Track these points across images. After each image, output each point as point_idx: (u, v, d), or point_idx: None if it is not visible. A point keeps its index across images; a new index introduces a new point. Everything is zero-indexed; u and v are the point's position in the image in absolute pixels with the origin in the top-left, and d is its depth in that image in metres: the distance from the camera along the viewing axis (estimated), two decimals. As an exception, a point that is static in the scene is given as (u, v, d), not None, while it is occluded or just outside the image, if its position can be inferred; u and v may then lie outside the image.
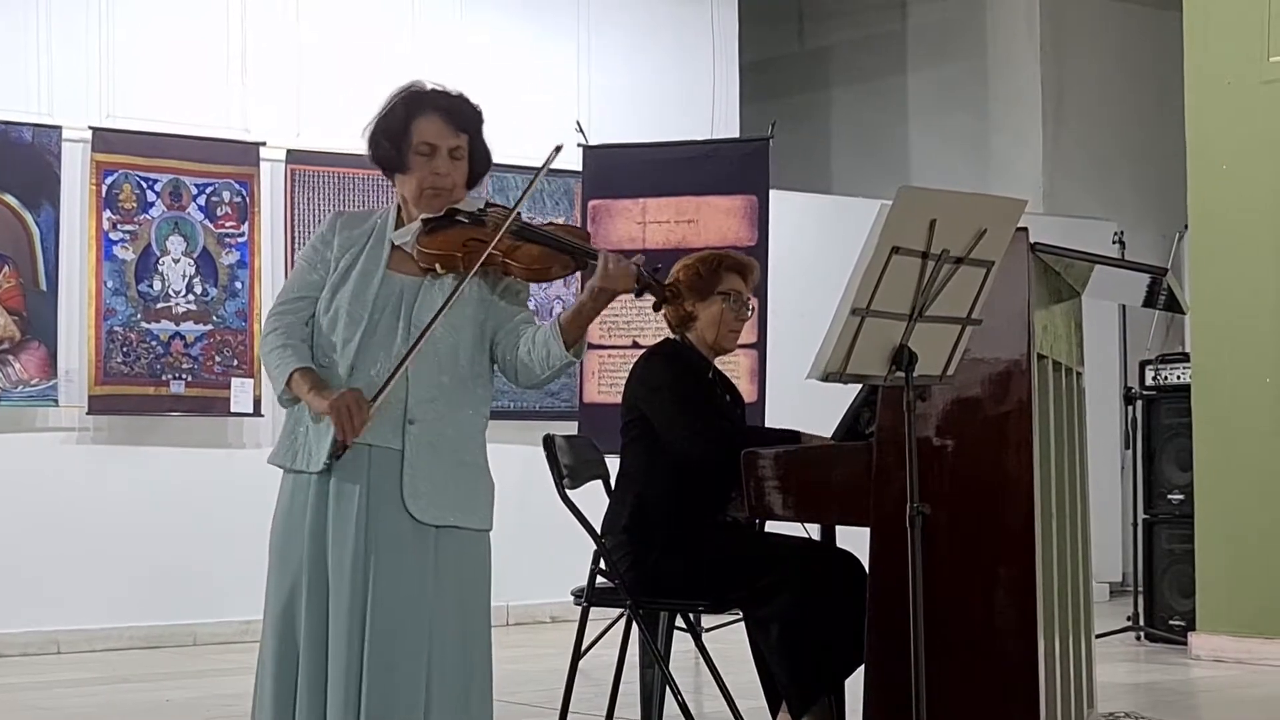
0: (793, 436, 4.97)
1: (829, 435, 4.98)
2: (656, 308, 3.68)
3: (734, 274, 5.06)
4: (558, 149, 3.70)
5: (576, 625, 5.07)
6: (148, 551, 7.97)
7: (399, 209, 3.69)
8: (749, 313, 5.14)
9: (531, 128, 9.02)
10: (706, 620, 6.78)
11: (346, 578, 3.48)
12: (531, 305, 3.72)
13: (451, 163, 3.64)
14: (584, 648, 5.08)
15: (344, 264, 3.63)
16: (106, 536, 7.92)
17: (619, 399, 5.11)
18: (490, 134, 3.70)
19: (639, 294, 3.63)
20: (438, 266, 3.55)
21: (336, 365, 3.55)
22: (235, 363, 8.16)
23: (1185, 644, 7.64)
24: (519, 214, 3.61)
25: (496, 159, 3.77)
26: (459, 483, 3.56)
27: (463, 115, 3.67)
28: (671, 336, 5.10)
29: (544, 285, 9.12)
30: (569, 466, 4.98)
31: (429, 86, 3.70)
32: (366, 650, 3.47)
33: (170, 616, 8.02)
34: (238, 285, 8.24)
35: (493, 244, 3.52)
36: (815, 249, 9.17)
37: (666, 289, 3.62)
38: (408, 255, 3.60)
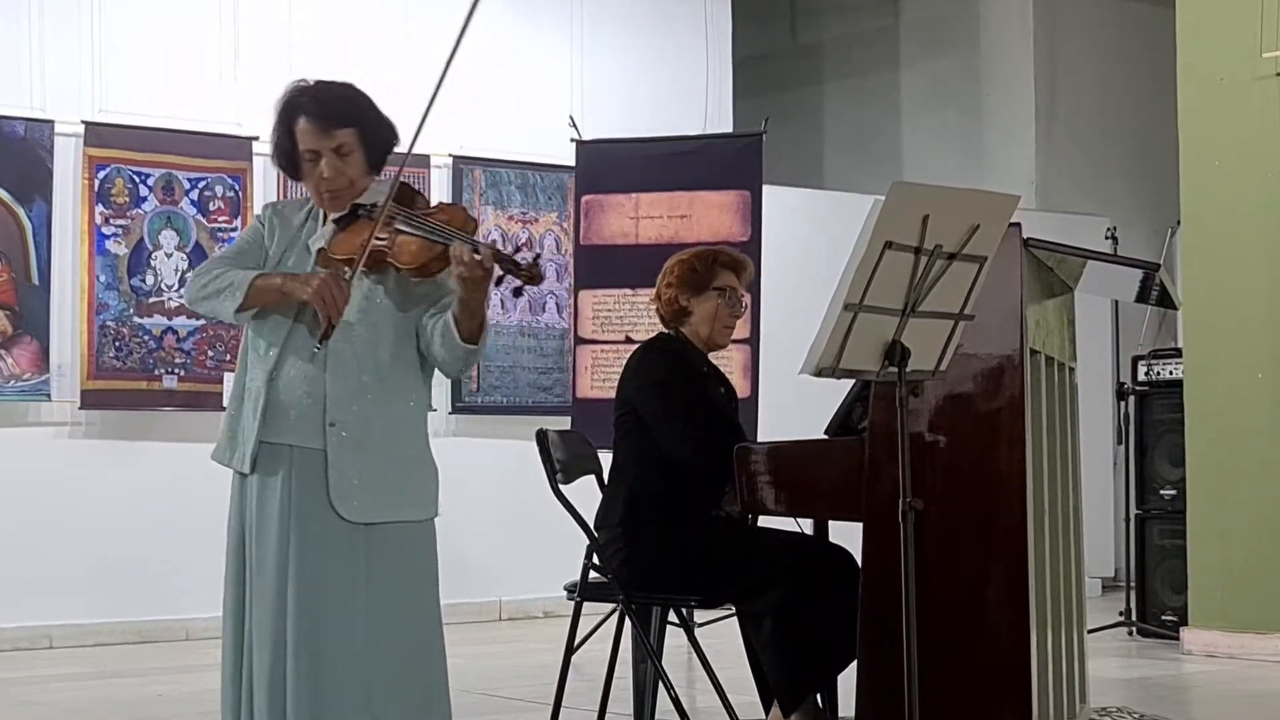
0: None
1: (822, 431, 4.98)
2: (517, 293, 3.60)
3: (729, 270, 5.05)
4: None
5: (569, 620, 5.07)
6: (140, 546, 7.96)
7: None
8: (743, 309, 5.14)
9: (525, 123, 9.03)
10: (699, 615, 6.78)
11: (270, 579, 3.48)
12: (524, 299, 3.71)
13: (340, 161, 3.59)
14: (577, 642, 5.08)
15: (274, 260, 3.64)
16: (99, 531, 7.92)
17: (612, 394, 5.11)
18: (484, 129, 3.67)
19: (499, 281, 3.53)
20: (346, 270, 3.54)
21: (260, 368, 3.57)
22: (228, 357, 8.15)
23: (1177, 639, 7.65)
24: (394, 204, 3.54)
25: (490, 155, 3.76)
26: (394, 477, 3.55)
27: (338, 111, 3.61)
28: (666, 331, 5.10)
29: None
30: (562, 461, 4.98)
31: (309, 84, 3.64)
32: (291, 657, 3.46)
33: (162, 611, 8.02)
34: (230, 280, 8.23)
35: (370, 241, 3.49)
36: (808, 244, 9.17)
37: (525, 270, 3.51)
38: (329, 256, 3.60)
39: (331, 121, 3.58)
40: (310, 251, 3.61)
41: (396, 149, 3.70)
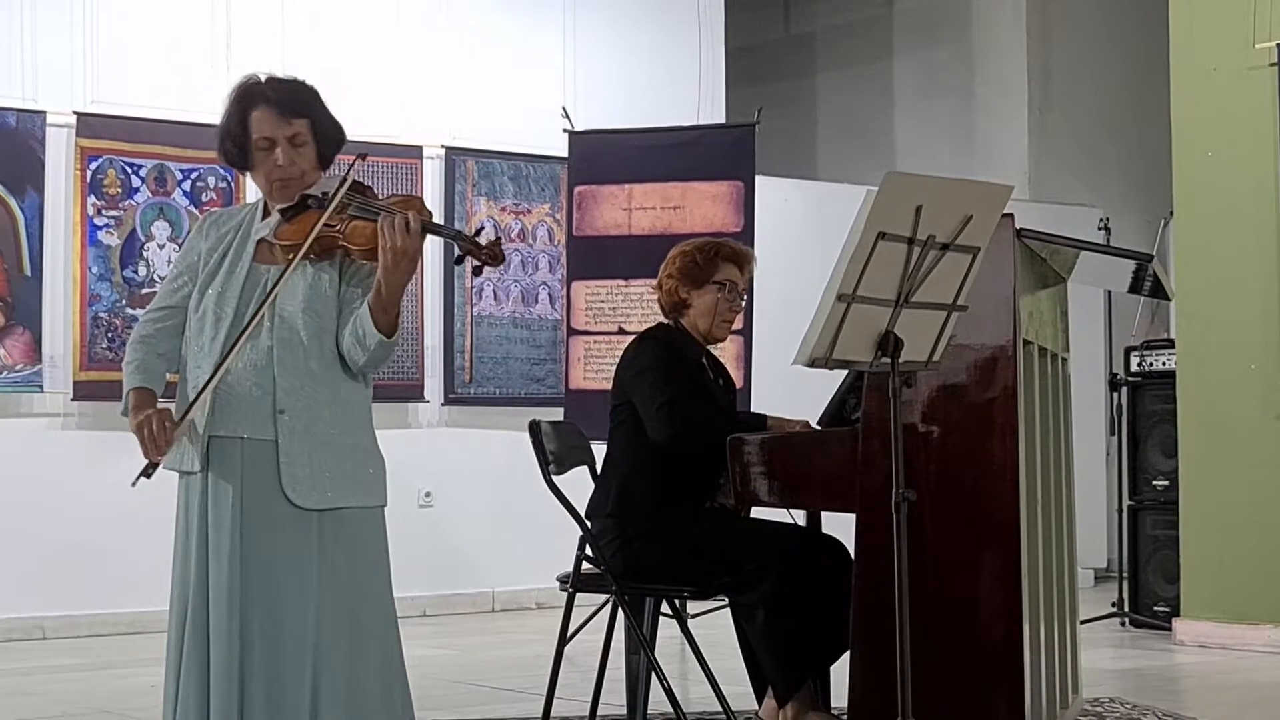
0: (759, 421, 4.93)
1: (814, 420, 4.98)
2: (476, 272, 3.60)
3: (730, 264, 5.03)
4: (362, 156, 3.65)
5: (562, 611, 5.07)
6: (132, 537, 7.95)
7: (265, 202, 3.68)
8: (743, 303, 5.12)
9: (517, 113, 9.02)
10: (692, 606, 6.78)
11: (224, 572, 3.47)
12: (517, 290, 3.70)
13: (294, 150, 3.60)
14: (569, 634, 5.08)
15: (213, 263, 3.63)
16: (91, 523, 7.91)
17: (605, 385, 5.11)
18: (476, 119, 3.67)
19: (460, 260, 3.53)
20: (292, 256, 3.53)
21: (205, 364, 3.55)
22: (220, 349, 8.15)
23: (1169, 630, 7.66)
24: (348, 190, 3.53)
25: (482, 145, 3.75)
26: (342, 464, 3.54)
27: (295, 101, 3.62)
28: (665, 322, 5.08)
29: (530, 272, 9.12)
30: (554, 453, 4.97)
31: (263, 78, 3.65)
32: (245, 650, 3.45)
33: (155, 602, 7.96)
34: (223, 271, 8.22)
35: (320, 224, 3.49)
36: (801, 235, 9.18)
37: (486, 250, 3.47)
38: (273, 245, 3.60)
39: (289, 110, 3.61)
40: (251, 239, 3.62)
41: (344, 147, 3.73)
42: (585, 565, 4.96)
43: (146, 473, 3.48)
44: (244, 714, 3.45)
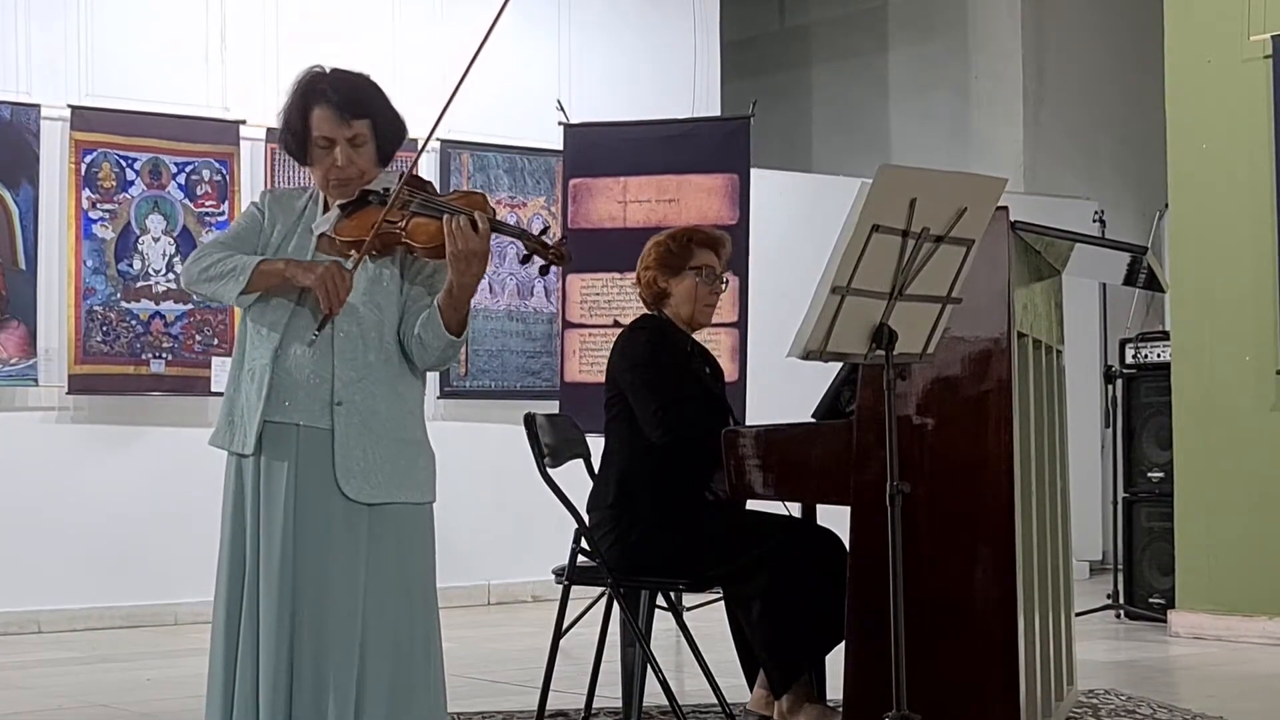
0: None
1: (810, 414, 4.98)
2: (544, 271, 3.61)
3: (706, 249, 5.07)
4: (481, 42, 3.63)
5: (557, 604, 5.07)
6: (129, 531, 7.96)
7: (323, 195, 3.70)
8: (723, 286, 5.14)
9: (513, 106, 9.01)
10: (687, 599, 6.79)
11: (275, 561, 3.47)
12: (512, 283, 3.71)
13: (353, 150, 3.60)
14: (565, 627, 5.08)
15: (275, 245, 3.64)
16: (87, 516, 7.91)
17: (601, 378, 5.11)
18: (471, 112, 3.67)
19: (526, 260, 3.55)
20: (353, 252, 3.54)
21: (264, 348, 3.55)
22: (216, 341, 8.15)
23: (1165, 622, 7.67)
24: (409, 188, 3.53)
25: (477, 138, 3.75)
26: (395, 459, 3.55)
27: (357, 102, 3.61)
28: (650, 312, 5.10)
29: (524, 265, 9.11)
30: (550, 445, 4.97)
31: (327, 70, 3.65)
32: (295, 637, 3.46)
33: (151, 596, 8.02)
34: (218, 264, 8.20)
35: (381, 219, 3.48)
36: (796, 227, 9.18)
37: (552, 250, 3.50)
38: (334, 240, 3.60)
39: (350, 111, 3.59)
40: (311, 236, 3.61)
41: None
42: (581, 558, 4.97)
43: (323, 325, 3.48)
44: (293, 702, 3.45)
